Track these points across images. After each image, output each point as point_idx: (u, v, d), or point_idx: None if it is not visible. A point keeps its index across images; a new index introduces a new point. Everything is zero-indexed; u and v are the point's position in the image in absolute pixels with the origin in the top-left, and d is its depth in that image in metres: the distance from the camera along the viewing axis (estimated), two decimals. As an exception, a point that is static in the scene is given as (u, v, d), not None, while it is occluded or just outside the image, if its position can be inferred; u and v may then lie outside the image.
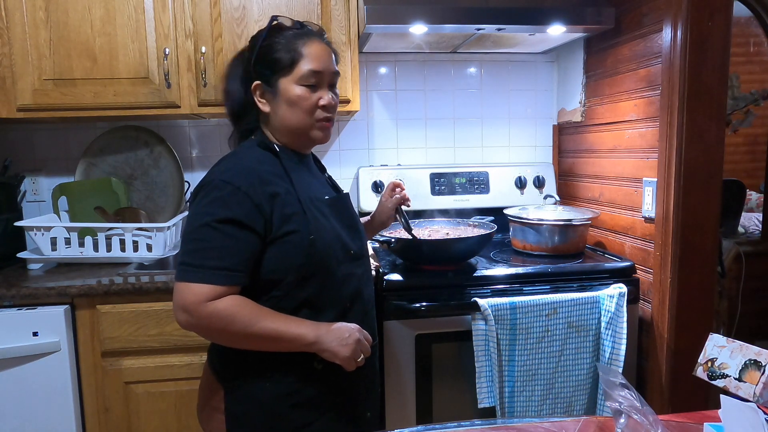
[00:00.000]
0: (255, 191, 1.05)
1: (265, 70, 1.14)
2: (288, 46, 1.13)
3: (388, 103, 2.35)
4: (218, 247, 1.02)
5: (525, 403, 1.61)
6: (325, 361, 1.10)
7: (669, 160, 1.65)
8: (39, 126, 2.17)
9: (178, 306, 1.03)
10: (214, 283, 1.01)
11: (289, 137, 1.19)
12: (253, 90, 1.15)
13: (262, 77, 1.14)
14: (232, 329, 1.03)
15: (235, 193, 1.04)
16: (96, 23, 1.81)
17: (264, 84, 1.15)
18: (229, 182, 1.04)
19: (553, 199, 2.02)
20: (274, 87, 1.14)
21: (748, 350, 1.01)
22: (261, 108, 1.16)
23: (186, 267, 1.03)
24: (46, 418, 1.60)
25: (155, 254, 1.86)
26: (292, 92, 1.13)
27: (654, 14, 1.72)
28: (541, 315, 1.59)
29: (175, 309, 1.04)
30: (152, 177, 2.14)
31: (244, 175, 1.06)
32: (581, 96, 2.21)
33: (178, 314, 1.04)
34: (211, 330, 1.05)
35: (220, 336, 1.07)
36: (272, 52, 1.13)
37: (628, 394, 0.87)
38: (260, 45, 1.14)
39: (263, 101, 1.16)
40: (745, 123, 2.93)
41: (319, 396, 1.13)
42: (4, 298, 1.58)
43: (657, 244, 1.72)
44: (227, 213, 1.03)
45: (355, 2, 1.92)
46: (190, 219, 1.06)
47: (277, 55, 1.13)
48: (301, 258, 1.08)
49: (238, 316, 1.02)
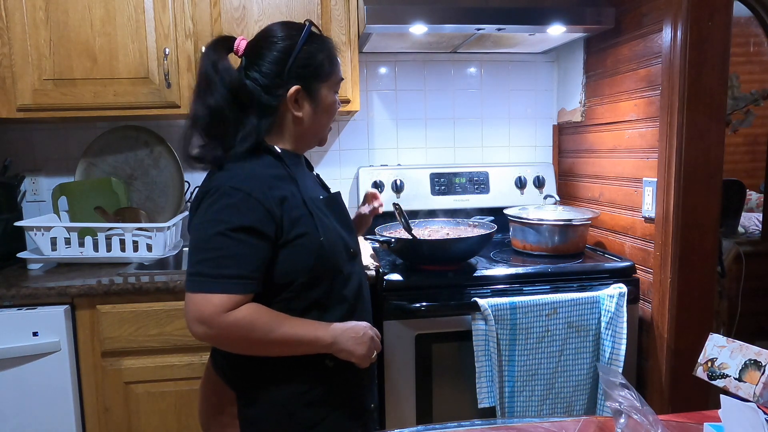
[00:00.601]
0: (265, 196, 1.03)
1: (308, 74, 1.11)
2: (328, 53, 1.14)
3: (388, 103, 2.35)
4: (234, 255, 1.00)
5: (525, 403, 1.61)
6: (336, 359, 1.11)
7: (669, 160, 1.65)
8: (39, 126, 2.17)
9: (195, 318, 1.00)
10: (232, 293, 0.99)
11: (299, 142, 1.17)
12: (291, 95, 1.10)
13: (303, 82, 1.11)
14: (252, 337, 1.02)
15: (246, 199, 1.02)
16: (96, 23, 1.81)
17: (303, 89, 1.11)
18: (239, 188, 1.02)
19: (553, 199, 2.02)
20: (313, 93, 1.13)
21: (748, 350, 1.01)
22: (294, 113, 1.12)
23: (201, 277, 1.00)
24: (46, 418, 1.60)
25: (155, 254, 1.86)
26: (330, 99, 1.16)
27: (654, 14, 1.72)
28: (541, 315, 1.59)
29: (191, 322, 1.00)
30: (152, 177, 2.14)
31: (252, 181, 1.04)
32: (581, 96, 2.21)
33: (194, 327, 1.00)
34: (231, 340, 1.03)
35: (239, 345, 1.05)
36: (316, 57, 1.12)
37: (628, 394, 0.87)
38: (300, 50, 1.10)
39: (296, 106, 1.12)
40: (745, 123, 2.92)
41: (330, 393, 1.14)
42: (4, 298, 1.58)
43: (657, 244, 1.72)
44: (241, 220, 1.01)
45: (355, 2, 1.92)
46: (200, 227, 1.03)
47: (322, 60, 1.12)
48: (313, 260, 1.07)
49: (257, 324, 1.01)
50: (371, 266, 1.71)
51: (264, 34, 1.14)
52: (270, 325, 1.03)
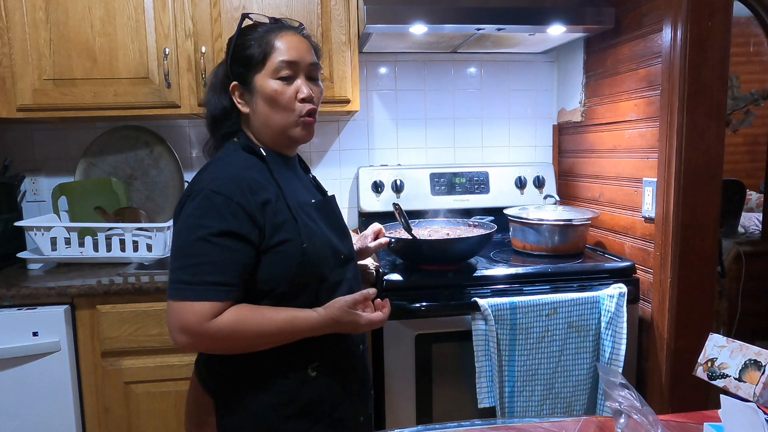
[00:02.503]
0: (247, 201, 1.01)
1: (240, 68, 1.11)
2: (260, 41, 1.10)
3: (388, 103, 2.35)
4: (216, 262, 0.98)
5: (525, 403, 1.61)
6: (318, 368, 1.09)
7: (669, 160, 1.65)
8: (39, 126, 2.17)
9: (177, 327, 0.97)
10: (213, 300, 0.97)
11: (271, 138, 1.14)
12: (231, 91, 1.12)
13: (239, 77, 1.11)
14: (244, 337, 1.00)
15: (227, 204, 0.99)
16: (96, 23, 1.81)
17: (241, 84, 1.11)
18: (220, 192, 1.00)
19: (553, 199, 2.02)
20: (250, 85, 1.10)
21: (748, 350, 1.01)
22: (241, 109, 1.13)
23: (182, 285, 0.97)
24: (46, 418, 1.60)
25: (155, 254, 1.86)
26: (267, 87, 1.09)
27: (654, 14, 1.72)
28: (541, 315, 1.59)
29: (173, 331, 0.98)
30: (152, 177, 2.14)
31: (234, 184, 1.01)
32: (581, 96, 2.21)
33: (176, 336, 0.97)
34: (217, 346, 1.02)
35: (230, 348, 1.03)
36: (245, 49, 1.10)
37: (628, 394, 0.87)
38: (234, 44, 1.12)
39: (242, 102, 1.12)
40: (745, 123, 2.93)
41: (312, 404, 1.10)
42: (4, 298, 1.58)
43: (657, 244, 1.72)
44: (222, 225, 0.98)
45: (355, 2, 1.92)
46: (180, 232, 1.01)
47: (250, 51, 1.10)
48: (295, 267, 1.04)
49: (248, 323, 1.00)
50: (371, 266, 1.71)
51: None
52: (260, 320, 1.01)
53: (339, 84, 1.93)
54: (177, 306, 0.97)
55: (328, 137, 2.33)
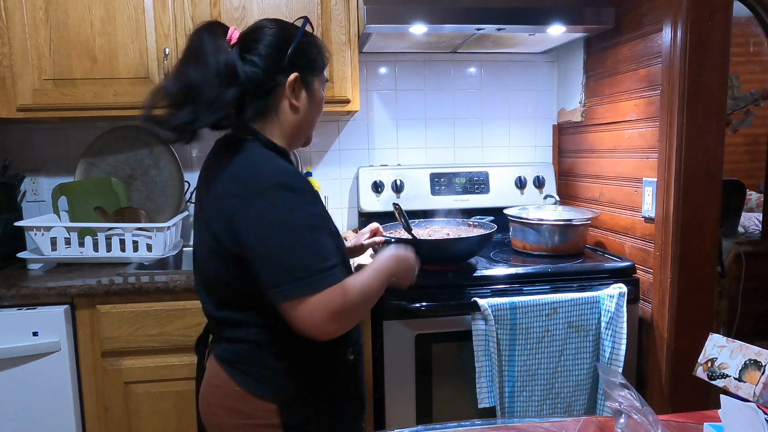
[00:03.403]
0: (312, 188, 1.07)
1: (305, 65, 1.11)
2: (320, 50, 1.15)
3: (388, 103, 2.35)
4: (328, 244, 1.02)
5: (525, 403, 1.61)
6: (353, 351, 1.16)
7: (669, 160, 1.65)
8: (39, 126, 2.17)
9: (326, 318, 0.96)
10: (342, 279, 1.00)
11: (290, 138, 1.14)
12: (290, 81, 1.08)
13: (301, 71, 1.10)
14: (369, 299, 1.08)
15: (305, 190, 1.03)
16: (96, 23, 1.81)
17: (301, 78, 1.10)
18: (292, 181, 1.01)
19: (553, 199, 2.02)
20: (309, 84, 1.12)
21: (748, 350, 1.01)
22: (292, 101, 1.09)
23: (317, 276, 0.96)
24: (46, 418, 1.60)
25: (155, 254, 1.86)
26: (320, 94, 1.16)
27: (654, 14, 1.72)
28: (541, 315, 1.59)
29: (321, 324, 0.96)
30: (152, 177, 2.14)
31: (295, 174, 1.04)
32: (581, 96, 2.21)
33: (326, 327, 0.97)
34: (359, 317, 1.10)
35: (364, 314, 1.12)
36: (311, 51, 1.12)
37: (628, 394, 0.87)
38: (300, 40, 1.09)
39: (294, 95, 1.10)
40: (745, 123, 2.93)
41: (358, 387, 1.18)
42: (4, 298, 1.58)
43: (657, 244, 1.72)
44: (315, 209, 1.03)
45: (355, 2, 1.92)
46: (276, 226, 0.98)
47: (316, 55, 1.13)
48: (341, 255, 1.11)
49: (363, 285, 1.05)
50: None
51: (258, 25, 1.11)
52: (368, 285, 1.07)
53: (339, 84, 1.93)
54: (320, 297, 0.96)
55: (328, 137, 2.33)
